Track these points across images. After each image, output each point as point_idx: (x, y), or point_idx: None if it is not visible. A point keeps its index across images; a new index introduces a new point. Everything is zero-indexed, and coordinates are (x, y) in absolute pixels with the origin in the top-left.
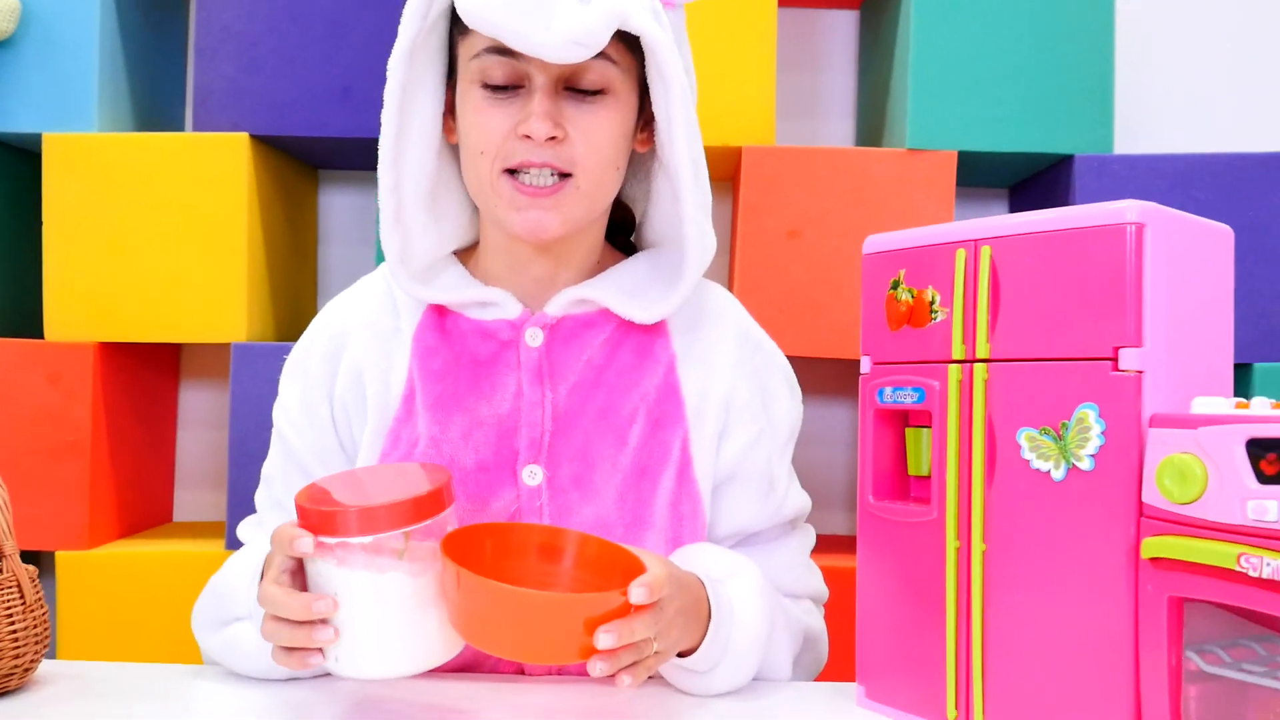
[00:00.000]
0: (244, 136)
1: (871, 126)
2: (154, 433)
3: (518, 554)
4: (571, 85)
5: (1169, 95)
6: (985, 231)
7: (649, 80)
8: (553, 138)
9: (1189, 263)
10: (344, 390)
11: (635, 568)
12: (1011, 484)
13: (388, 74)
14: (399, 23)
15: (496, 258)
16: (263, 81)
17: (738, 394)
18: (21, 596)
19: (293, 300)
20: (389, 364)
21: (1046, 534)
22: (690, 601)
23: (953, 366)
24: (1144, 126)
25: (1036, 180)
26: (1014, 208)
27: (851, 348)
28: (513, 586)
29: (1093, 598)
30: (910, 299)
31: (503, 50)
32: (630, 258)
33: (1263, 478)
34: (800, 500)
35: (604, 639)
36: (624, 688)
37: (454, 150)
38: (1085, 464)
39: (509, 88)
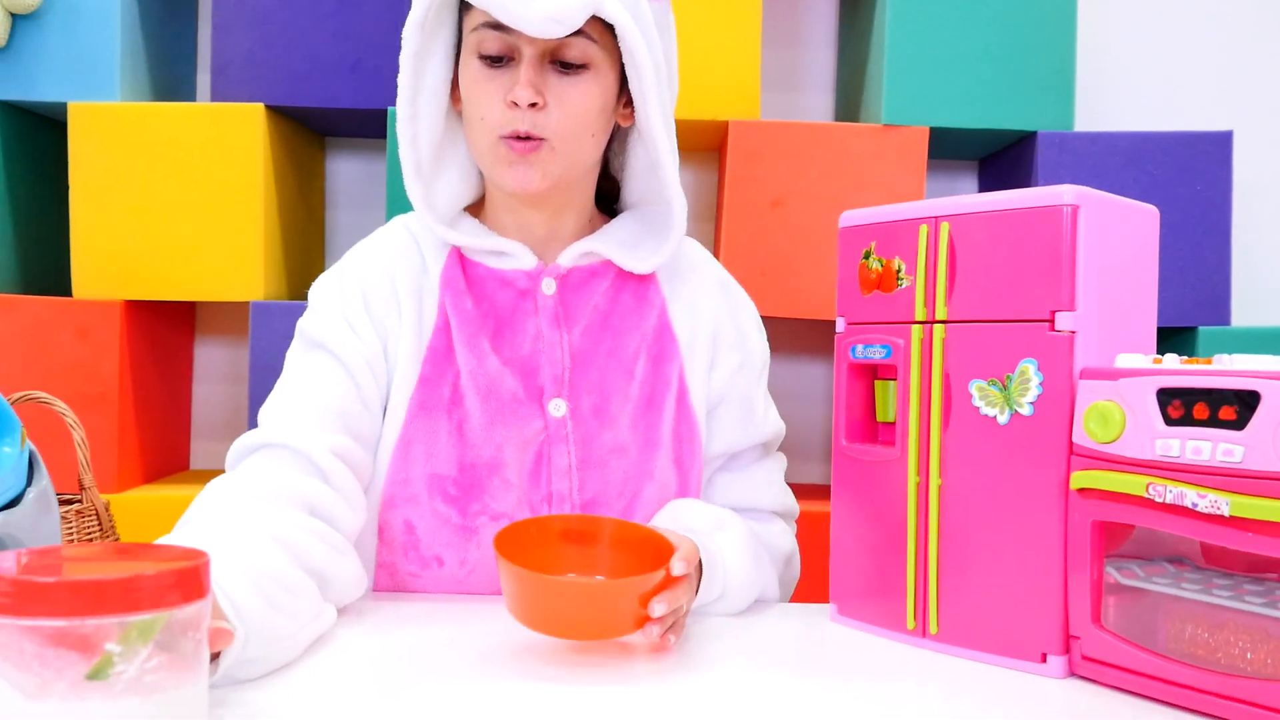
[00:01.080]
0: (259, 107)
1: (849, 102)
2: (172, 386)
3: (556, 542)
4: (556, 59)
5: (1126, 77)
6: (945, 210)
7: (624, 62)
8: (533, 104)
9: (1117, 239)
10: (383, 313)
11: (656, 542)
12: (963, 428)
13: (402, 41)
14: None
15: (502, 214)
16: (277, 54)
17: (721, 330)
18: (99, 524)
19: (304, 262)
20: (420, 299)
21: (992, 470)
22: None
23: (915, 327)
24: (1103, 106)
25: (1003, 155)
26: (982, 180)
27: (827, 309)
28: (579, 579)
29: (1030, 523)
30: (880, 268)
31: (497, 25)
32: (620, 216)
33: (1169, 421)
34: (777, 423)
35: (658, 608)
36: (670, 647)
37: (458, 116)
38: (1026, 410)
39: (502, 60)
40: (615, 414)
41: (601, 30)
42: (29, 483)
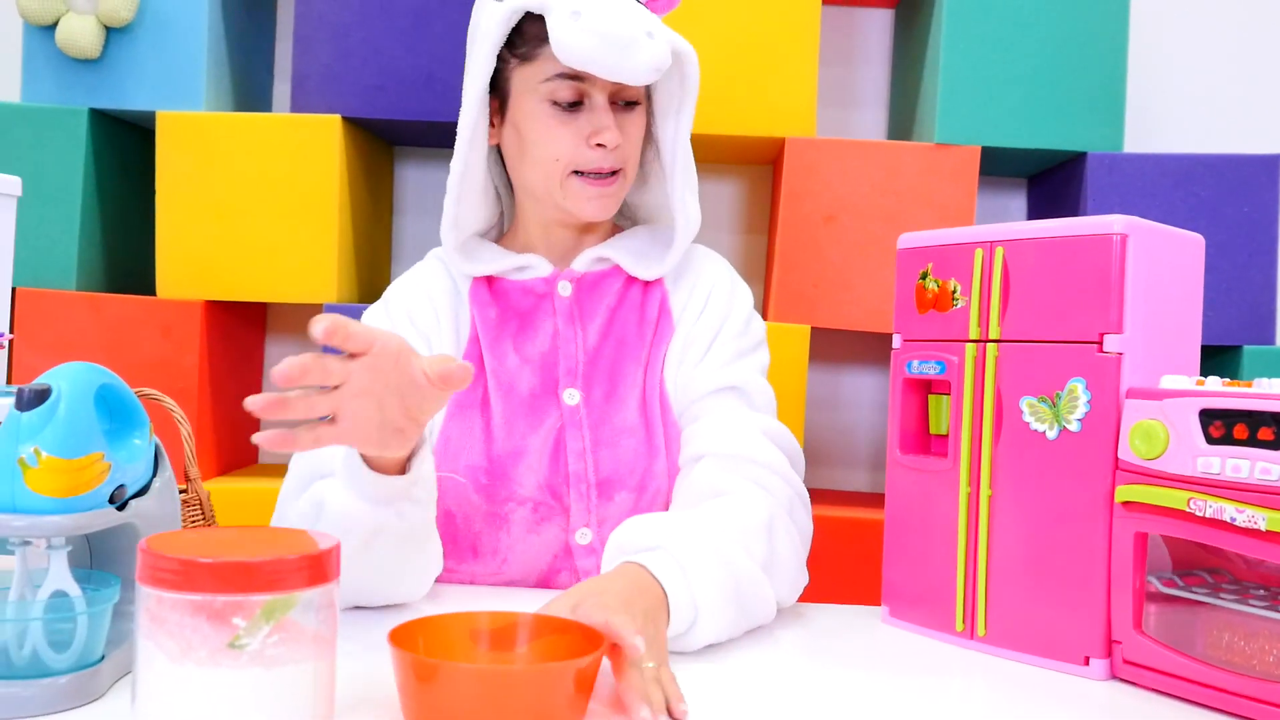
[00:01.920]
0: (336, 118)
1: (902, 120)
2: (245, 383)
3: (456, 646)
4: (616, 99)
5: (1177, 99)
6: (1000, 235)
7: (666, 90)
8: (616, 145)
9: (1164, 266)
10: (426, 327)
11: (562, 625)
12: (1013, 441)
13: (465, 101)
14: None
15: (533, 232)
16: (354, 68)
17: (724, 326)
18: (203, 512)
19: (373, 266)
20: (456, 314)
21: (1040, 482)
22: (648, 599)
23: (969, 345)
24: (1153, 127)
25: (1053, 174)
26: (1031, 199)
27: (878, 322)
28: (513, 667)
29: (1075, 533)
30: (936, 288)
31: (571, 75)
32: (633, 228)
33: (1210, 440)
34: (752, 377)
35: (648, 712)
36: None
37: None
38: (1074, 426)
39: (573, 105)
40: (624, 397)
41: None
42: (154, 473)
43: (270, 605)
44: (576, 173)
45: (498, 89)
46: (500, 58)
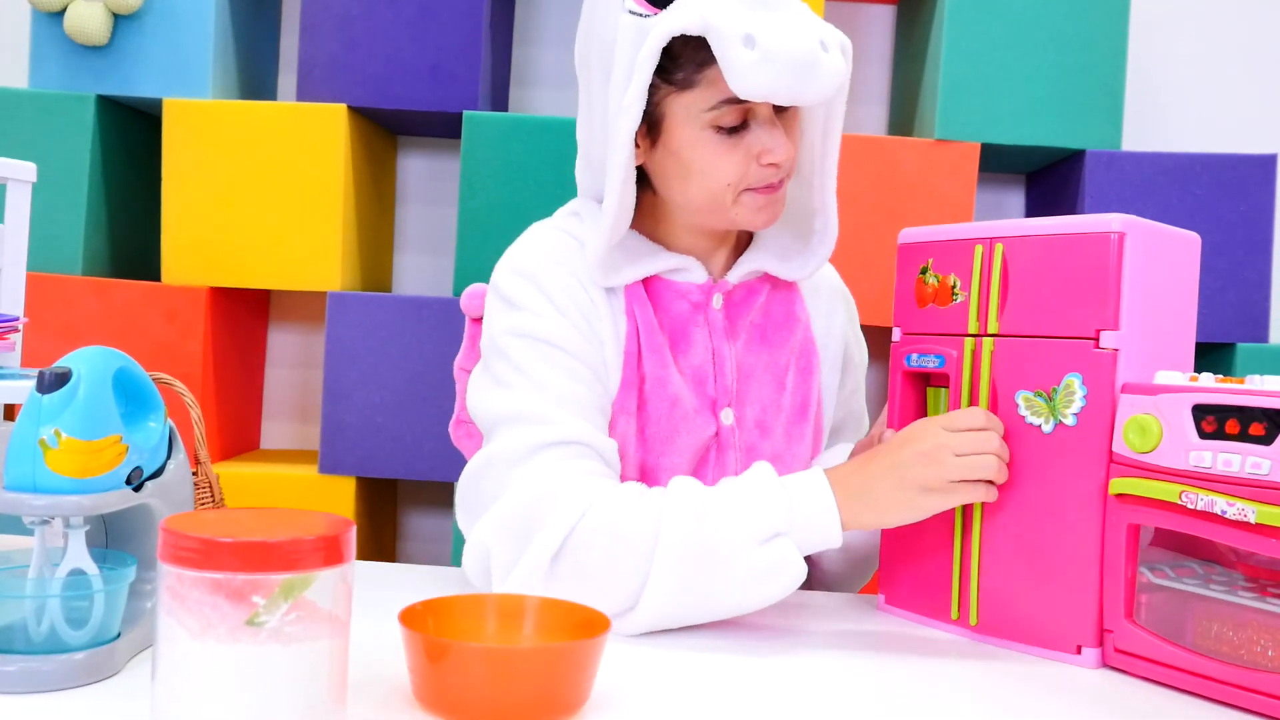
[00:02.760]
0: (342, 107)
1: (903, 116)
2: (247, 370)
3: (465, 626)
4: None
5: (1176, 98)
6: (1000, 231)
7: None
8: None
9: (1161, 264)
10: (593, 321)
11: (569, 607)
12: (1010, 434)
13: (621, 132)
14: (483, 9)
15: (680, 234)
16: (360, 58)
17: (849, 346)
18: (212, 495)
19: (375, 255)
20: (611, 310)
21: (1036, 475)
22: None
23: (968, 339)
24: (1151, 126)
25: (1051, 171)
26: (1029, 195)
27: (878, 316)
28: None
29: (1069, 524)
30: (936, 283)
31: (736, 99)
32: (770, 228)
33: (1202, 434)
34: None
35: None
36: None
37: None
38: (1070, 420)
39: (738, 127)
40: (771, 425)
41: None
42: (169, 455)
43: (288, 584)
44: (751, 189)
45: (650, 114)
46: (652, 87)
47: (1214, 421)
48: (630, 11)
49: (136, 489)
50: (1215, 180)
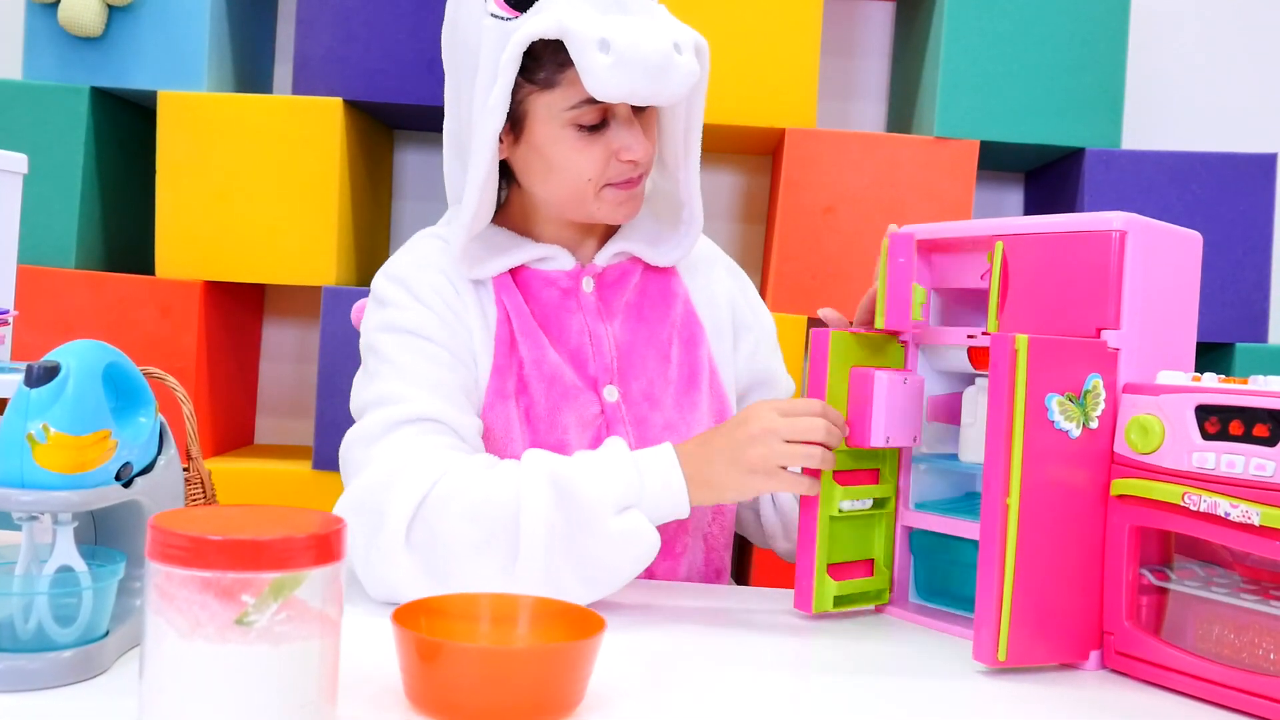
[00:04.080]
0: (338, 101)
1: (902, 113)
2: (241, 364)
3: (458, 626)
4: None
5: (1175, 96)
6: (999, 230)
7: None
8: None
9: (1162, 263)
10: (459, 310)
11: (563, 608)
12: (1037, 442)
13: (480, 125)
14: None
15: (545, 225)
16: (356, 51)
17: (737, 312)
18: (204, 491)
19: (371, 249)
20: (480, 301)
21: (1064, 483)
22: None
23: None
24: (1151, 124)
25: (1050, 169)
26: (1028, 193)
27: None
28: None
29: (1070, 525)
30: None
31: (595, 100)
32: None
33: (1206, 435)
34: (790, 384)
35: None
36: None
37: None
38: (1093, 424)
39: (598, 125)
40: (660, 397)
41: None
42: (159, 451)
43: (278, 583)
44: (610, 184)
45: (513, 113)
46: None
47: (1217, 422)
48: (492, 14)
49: (126, 485)
50: (1215, 179)
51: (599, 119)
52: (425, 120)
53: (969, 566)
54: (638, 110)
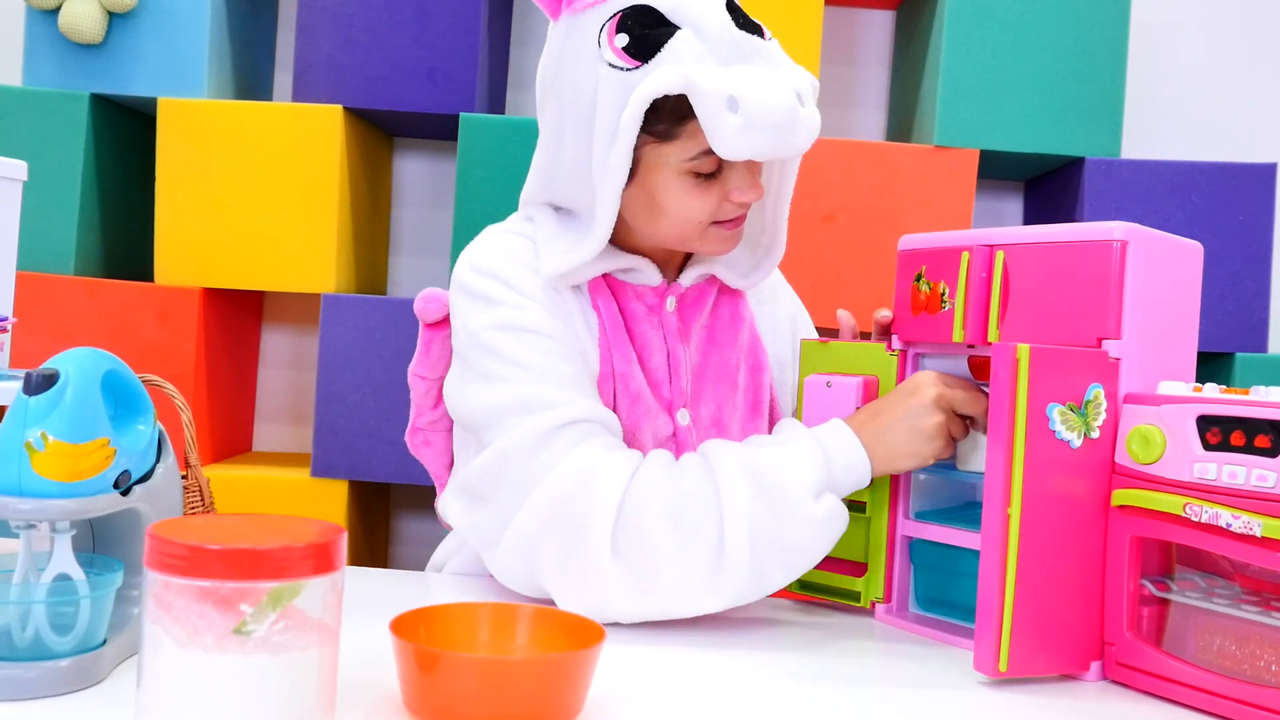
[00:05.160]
0: (338, 108)
1: (902, 122)
2: (240, 371)
3: (457, 635)
4: None
5: (1175, 106)
6: (1000, 239)
7: None
8: None
9: (1163, 273)
10: (567, 317)
11: (562, 618)
12: (1038, 454)
13: (611, 170)
14: (481, 11)
15: (634, 243)
16: (357, 58)
17: (800, 329)
18: (202, 499)
19: (370, 257)
20: (581, 305)
21: (1065, 495)
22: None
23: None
24: (1151, 134)
25: (1050, 178)
26: (1027, 202)
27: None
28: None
29: (1071, 535)
30: (928, 290)
31: (712, 150)
32: None
33: (1207, 446)
34: None
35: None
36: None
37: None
38: (1094, 434)
39: (714, 172)
40: (727, 422)
41: None
42: (158, 459)
43: (277, 592)
44: (717, 223)
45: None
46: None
47: (1219, 433)
48: (610, 64)
49: (124, 493)
50: (1215, 189)
51: (716, 168)
52: (425, 128)
53: (969, 576)
54: None
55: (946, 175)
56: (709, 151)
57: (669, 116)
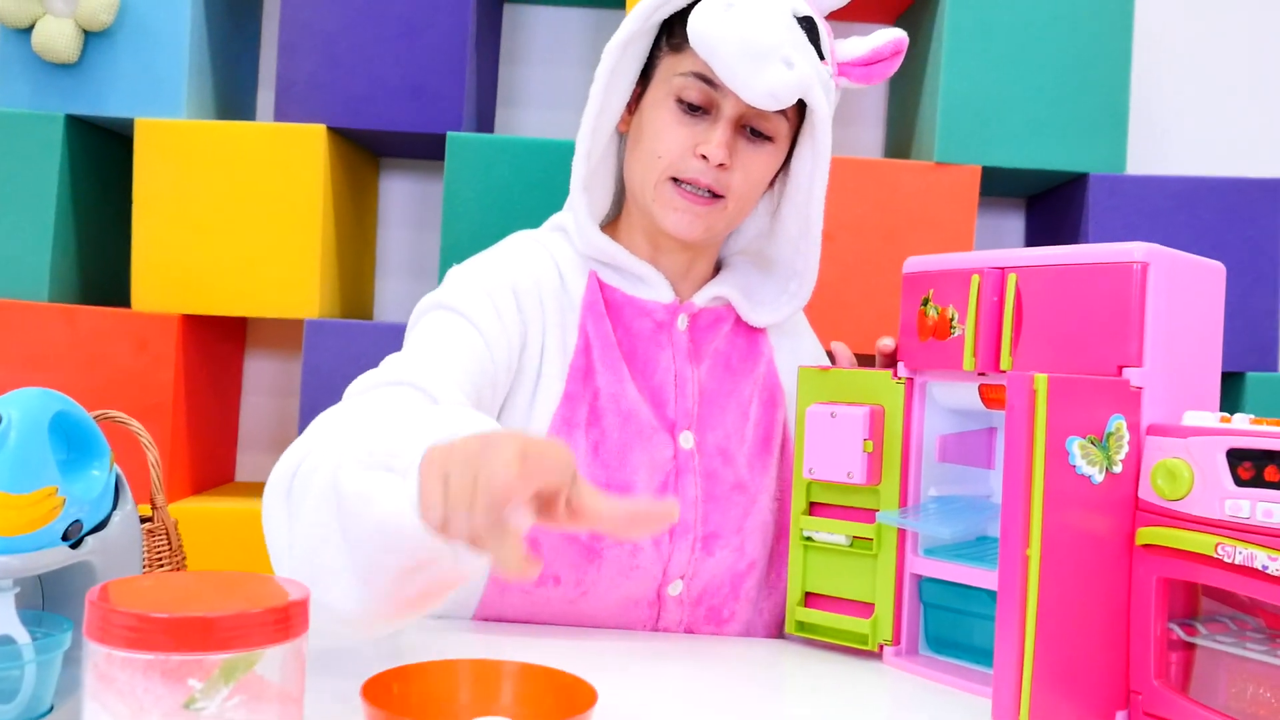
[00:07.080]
0: (321, 128)
1: (901, 139)
2: (222, 399)
3: (434, 698)
4: (747, 124)
5: (1180, 121)
6: (1012, 261)
7: (800, 141)
8: (721, 164)
9: (1185, 296)
10: (530, 315)
11: (548, 675)
12: (1057, 490)
13: (602, 57)
14: (468, 27)
15: (641, 240)
16: (340, 77)
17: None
18: (169, 543)
19: (356, 280)
20: (563, 315)
21: (1086, 534)
22: None
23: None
24: (1156, 149)
25: (1053, 195)
26: (1030, 220)
27: (873, 345)
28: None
29: (1094, 577)
30: (936, 315)
31: (705, 78)
32: (739, 262)
33: (1239, 481)
34: None
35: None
36: None
37: (617, 136)
38: (1117, 469)
39: (698, 110)
40: (734, 453)
41: (792, 108)
42: (114, 506)
43: (229, 665)
44: (674, 180)
45: (647, 76)
46: (657, 45)
47: (1251, 468)
48: None
49: (75, 545)
50: (1222, 205)
51: (700, 101)
52: (411, 147)
53: (983, 617)
54: (750, 138)
55: (947, 192)
56: (700, 77)
57: (682, 31)
